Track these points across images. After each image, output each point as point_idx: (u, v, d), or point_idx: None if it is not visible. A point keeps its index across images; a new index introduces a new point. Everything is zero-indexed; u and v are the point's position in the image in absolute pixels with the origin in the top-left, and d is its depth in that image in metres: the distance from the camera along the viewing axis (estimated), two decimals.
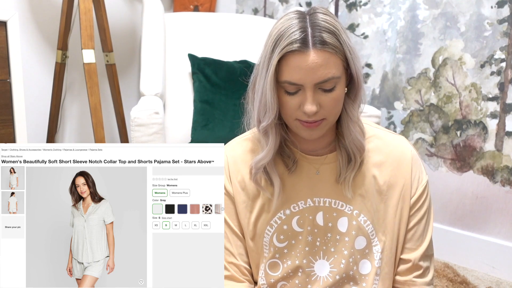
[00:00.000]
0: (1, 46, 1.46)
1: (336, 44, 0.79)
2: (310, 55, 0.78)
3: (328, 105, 0.82)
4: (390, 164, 0.91)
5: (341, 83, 0.82)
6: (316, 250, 0.91)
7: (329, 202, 0.91)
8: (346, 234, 0.90)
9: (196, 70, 1.88)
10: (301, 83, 0.80)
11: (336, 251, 0.90)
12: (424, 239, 0.92)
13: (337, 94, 0.82)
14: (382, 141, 0.93)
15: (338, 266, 0.90)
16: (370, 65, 2.07)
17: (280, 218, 0.92)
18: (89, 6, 1.64)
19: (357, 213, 0.90)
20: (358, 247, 0.90)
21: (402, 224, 0.91)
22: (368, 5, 2.05)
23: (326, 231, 0.91)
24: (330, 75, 0.79)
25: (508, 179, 1.74)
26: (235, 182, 0.94)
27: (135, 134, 1.61)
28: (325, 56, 0.78)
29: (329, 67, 0.79)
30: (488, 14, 1.73)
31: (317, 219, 0.91)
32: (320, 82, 0.79)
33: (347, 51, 0.81)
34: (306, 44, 0.78)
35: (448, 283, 1.68)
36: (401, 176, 0.91)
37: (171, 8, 2.39)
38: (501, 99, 1.73)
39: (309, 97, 0.80)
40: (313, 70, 0.78)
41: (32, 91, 1.87)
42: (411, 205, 0.91)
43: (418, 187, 0.91)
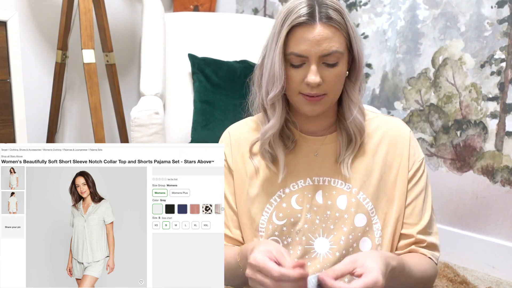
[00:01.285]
0: (1, 46, 1.46)
1: (341, 21, 0.85)
2: (316, 28, 0.83)
3: (330, 80, 0.86)
4: (388, 142, 0.95)
5: (343, 60, 0.87)
6: (315, 228, 0.92)
7: (328, 180, 0.93)
8: (346, 212, 0.91)
9: (196, 70, 1.88)
10: (307, 54, 0.84)
11: (336, 228, 0.92)
12: (424, 215, 0.94)
13: (339, 71, 0.87)
14: (379, 122, 0.97)
15: (338, 243, 0.91)
16: (370, 65, 2.07)
17: (279, 197, 0.94)
18: (89, 6, 1.64)
19: (356, 191, 0.92)
20: (358, 224, 0.91)
21: (401, 200, 0.93)
22: (368, 5, 2.05)
23: (326, 209, 0.92)
24: (334, 49, 0.84)
25: (508, 179, 1.74)
26: (235, 158, 0.98)
27: (135, 134, 1.61)
28: (330, 30, 0.84)
29: (334, 41, 0.84)
30: (488, 14, 1.73)
31: (316, 197, 0.93)
32: (325, 54, 0.84)
33: (350, 30, 0.86)
34: (313, 17, 0.83)
35: (448, 283, 1.68)
36: (399, 153, 0.94)
37: (171, 8, 2.39)
38: (501, 99, 1.73)
39: (313, 69, 0.84)
40: (319, 42, 0.83)
41: (32, 91, 1.87)
42: (409, 180, 0.94)
43: (414, 162, 0.94)
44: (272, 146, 0.94)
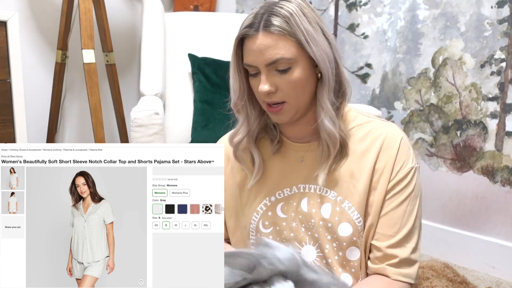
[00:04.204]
0: (1, 46, 1.46)
1: (286, 27, 0.82)
2: (258, 38, 0.83)
3: (284, 87, 0.85)
4: (379, 147, 0.90)
5: (298, 65, 0.85)
6: (301, 236, 0.92)
7: (314, 188, 0.92)
8: (329, 220, 0.90)
9: (196, 70, 1.88)
10: (255, 64, 0.85)
11: (320, 237, 0.91)
12: (402, 228, 0.88)
13: (294, 76, 0.85)
14: (373, 127, 0.93)
15: (323, 251, 0.91)
16: (370, 65, 2.07)
17: (265, 205, 0.94)
18: (89, 6, 1.64)
19: (341, 200, 0.90)
20: (342, 233, 0.89)
21: (376, 208, 0.89)
22: (368, 5, 2.05)
23: (310, 217, 0.91)
24: (278, 56, 0.83)
25: (508, 179, 1.74)
26: (226, 166, 0.99)
27: (135, 134, 1.61)
28: (273, 38, 0.82)
29: (278, 49, 0.82)
30: (488, 14, 1.73)
31: (301, 205, 0.92)
32: (270, 63, 0.83)
33: (299, 34, 0.83)
34: (254, 28, 0.84)
35: (448, 283, 1.68)
36: (385, 159, 0.89)
37: (171, 8, 2.39)
38: (501, 99, 1.73)
39: (262, 78, 0.85)
40: (261, 51, 0.83)
41: (32, 91, 1.87)
42: (388, 189, 0.88)
43: (399, 171, 0.89)
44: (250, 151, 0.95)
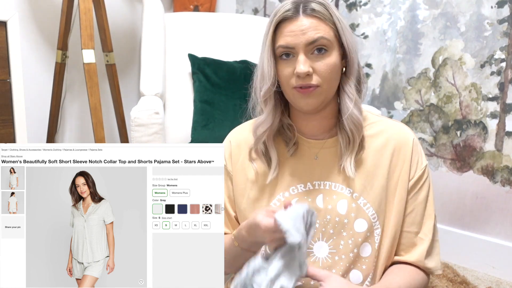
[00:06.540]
0: (1, 46, 1.46)
1: (325, 12, 0.87)
2: (299, 20, 0.86)
3: (321, 70, 0.86)
4: (393, 148, 0.93)
5: (333, 50, 0.88)
6: (315, 232, 0.92)
7: (329, 185, 0.93)
8: (346, 216, 0.91)
9: (196, 70, 1.88)
10: (293, 45, 0.86)
11: (335, 233, 0.91)
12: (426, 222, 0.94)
13: (330, 60, 0.87)
14: (383, 127, 0.96)
15: (337, 247, 0.91)
16: (370, 65, 2.07)
17: (279, 200, 0.94)
18: (89, 6, 1.64)
19: (356, 196, 0.91)
20: (358, 229, 0.91)
21: (399, 208, 0.92)
22: (368, 5, 2.05)
23: (326, 213, 0.92)
24: (319, 35, 0.85)
25: (508, 179, 1.74)
26: (236, 162, 0.98)
27: (135, 134, 1.61)
28: (314, 21, 0.86)
29: (319, 29, 0.86)
30: (488, 14, 1.73)
31: (316, 201, 0.93)
32: (310, 42, 0.85)
33: (336, 20, 0.88)
34: (297, 11, 0.87)
35: (448, 283, 1.68)
36: (401, 160, 0.93)
37: (171, 8, 2.39)
38: (501, 99, 1.73)
39: (300, 59, 0.85)
40: (303, 31, 0.85)
41: (32, 91, 1.87)
42: (410, 188, 0.93)
43: (416, 170, 0.93)
44: (267, 147, 0.94)
